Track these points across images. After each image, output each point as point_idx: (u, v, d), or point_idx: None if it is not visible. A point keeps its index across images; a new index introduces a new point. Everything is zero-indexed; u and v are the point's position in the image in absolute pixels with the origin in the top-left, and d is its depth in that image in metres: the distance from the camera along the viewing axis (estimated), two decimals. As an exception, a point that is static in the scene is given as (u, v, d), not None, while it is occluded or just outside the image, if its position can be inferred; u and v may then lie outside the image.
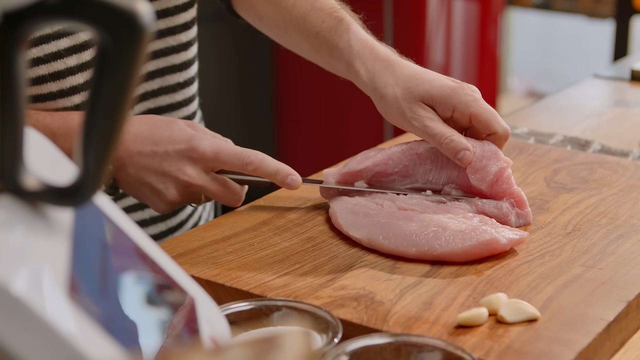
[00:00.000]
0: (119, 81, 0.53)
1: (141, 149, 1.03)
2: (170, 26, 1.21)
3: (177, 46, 1.22)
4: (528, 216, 1.04)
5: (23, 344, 0.49)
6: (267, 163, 1.05)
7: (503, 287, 0.89)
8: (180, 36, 1.22)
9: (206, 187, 1.04)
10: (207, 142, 1.04)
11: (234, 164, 1.04)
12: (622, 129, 1.47)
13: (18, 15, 0.52)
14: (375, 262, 0.95)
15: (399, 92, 1.07)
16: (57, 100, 1.09)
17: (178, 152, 1.03)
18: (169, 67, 1.22)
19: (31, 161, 0.56)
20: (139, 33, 0.51)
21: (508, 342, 0.79)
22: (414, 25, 3.15)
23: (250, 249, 0.99)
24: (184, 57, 1.23)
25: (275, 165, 1.05)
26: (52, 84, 1.08)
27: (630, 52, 3.30)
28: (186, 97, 1.25)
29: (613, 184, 1.15)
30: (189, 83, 1.25)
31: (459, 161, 1.05)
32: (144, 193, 1.05)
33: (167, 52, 1.21)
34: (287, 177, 1.05)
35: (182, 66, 1.23)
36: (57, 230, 0.56)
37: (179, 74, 1.23)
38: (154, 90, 1.21)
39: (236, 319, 0.80)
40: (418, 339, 0.76)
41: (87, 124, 0.54)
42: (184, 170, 1.03)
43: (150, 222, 1.25)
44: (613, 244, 0.98)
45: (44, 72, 1.07)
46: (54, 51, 1.07)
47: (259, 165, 1.04)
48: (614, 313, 0.84)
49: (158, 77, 1.21)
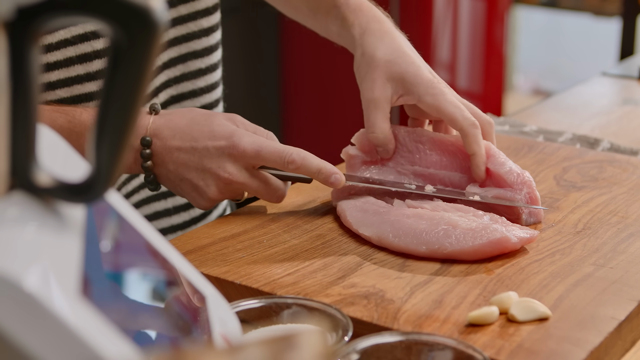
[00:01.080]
0: (131, 77, 0.53)
1: (180, 145, 1.02)
2: (192, 11, 1.21)
3: (198, 32, 1.22)
4: (539, 214, 1.03)
5: (36, 340, 0.49)
6: (309, 161, 1.03)
7: (514, 285, 0.89)
8: (202, 21, 1.22)
9: (247, 184, 1.03)
10: (248, 139, 1.02)
11: (276, 162, 1.02)
12: (631, 127, 1.47)
13: (32, 10, 0.52)
14: (385, 260, 0.95)
15: (377, 57, 1.08)
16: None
17: (218, 148, 1.02)
18: (190, 52, 1.22)
19: (43, 157, 0.56)
20: (152, 29, 0.51)
21: (519, 341, 0.79)
22: (420, 23, 3.15)
23: (260, 247, 0.98)
24: (206, 43, 1.24)
25: (317, 164, 1.03)
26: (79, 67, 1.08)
27: (637, 51, 3.29)
28: (208, 83, 1.25)
29: (623, 183, 1.15)
30: (211, 69, 1.25)
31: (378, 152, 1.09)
32: (184, 189, 1.04)
33: (188, 38, 1.21)
34: (330, 176, 1.04)
35: (203, 52, 1.23)
36: (69, 227, 0.56)
37: (201, 59, 1.23)
38: (176, 76, 1.21)
39: (246, 317, 0.80)
40: (429, 338, 0.75)
41: (100, 120, 0.54)
42: (225, 168, 1.01)
43: (173, 211, 1.25)
44: (624, 243, 0.98)
45: (71, 54, 1.08)
46: (80, 33, 1.08)
47: (301, 164, 1.03)
48: (625, 312, 0.84)
49: (180, 63, 1.22)
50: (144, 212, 1.23)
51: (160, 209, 1.24)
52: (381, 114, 1.07)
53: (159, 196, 1.24)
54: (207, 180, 1.02)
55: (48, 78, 1.07)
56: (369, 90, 1.07)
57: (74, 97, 1.10)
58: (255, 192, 1.04)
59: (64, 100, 1.09)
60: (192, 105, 1.23)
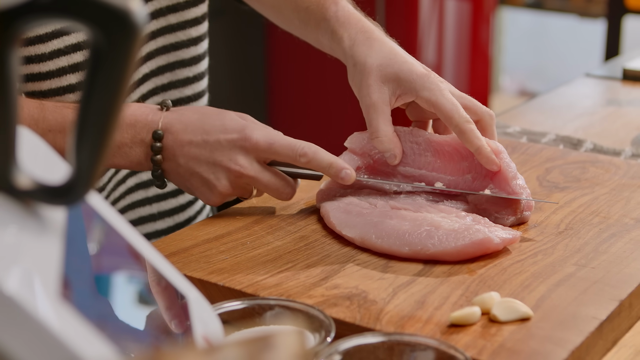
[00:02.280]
0: (112, 79, 0.53)
1: (192, 139, 1.02)
2: (181, 21, 1.21)
3: (187, 41, 1.23)
4: (526, 218, 1.04)
5: (15, 343, 0.49)
6: (320, 155, 1.03)
7: (496, 286, 0.89)
8: (191, 31, 1.23)
9: (258, 177, 1.02)
10: (260, 132, 1.02)
11: (288, 155, 1.02)
12: (614, 128, 1.47)
13: (11, 13, 0.52)
14: (368, 261, 0.95)
15: (369, 64, 1.07)
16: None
17: (230, 141, 1.01)
18: (178, 61, 1.22)
19: (24, 160, 0.56)
20: (132, 31, 0.51)
21: (501, 341, 0.79)
22: (406, 24, 3.15)
23: (243, 248, 0.98)
24: (194, 52, 1.24)
25: (328, 158, 1.03)
26: (71, 76, 1.08)
27: (622, 52, 3.30)
28: (195, 92, 1.26)
29: (605, 183, 1.15)
30: (198, 78, 1.26)
31: (386, 158, 1.08)
32: (193, 184, 1.04)
33: (177, 47, 1.21)
34: (341, 171, 1.03)
35: (191, 61, 1.24)
36: (49, 229, 0.56)
37: (189, 68, 1.24)
38: (164, 84, 1.21)
39: (229, 318, 0.80)
40: (411, 338, 0.76)
41: (80, 122, 0.54)
42: (236, 160, 1.01)
43: (158, 217, 1.25)
44: (605, 243, 0.98)
45: (64, 64, 1.07)
46: (74, 43, 1.08)
47: (312, 158, 1.02)
48: (606, 312, 0.84)
49: (168, 71, 1.22)
50: (129, 217, 1.23)
51: (145, 214, 1.24)
52: (382, 117, 1.07)
53: (144, 202, 1.23)
54: (218, 174, 1.02)
55: (40, 87, 1.07)
56: (366, 97, 1.07)
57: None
58: (265, 187, 1.04)
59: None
60: None
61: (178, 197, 1.28)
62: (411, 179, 1.09)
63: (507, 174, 1.04)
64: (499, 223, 1.02)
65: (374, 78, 1.07)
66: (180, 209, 1.28)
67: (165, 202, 1.27)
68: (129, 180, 1.23)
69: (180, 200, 1.29)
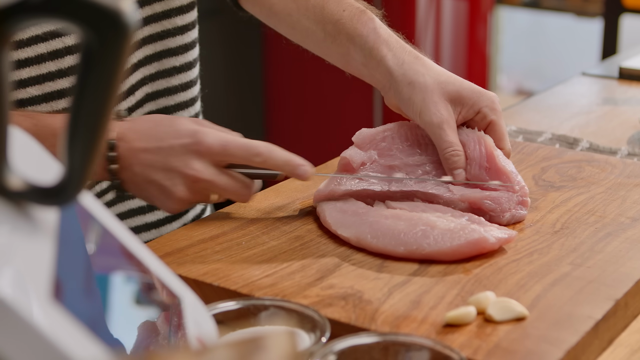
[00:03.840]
0: (103, 79, 0.53)
1: (146, 146, 1.01)
2: (166, 9, 1.21)
3: (173, 30, 1.22)
4: (523, 216, 1.04)
5: (7, 344, 0.49)
6: (275, 154, 1.01)
7: (491, 285, 0.89)
8: (177, 19, 1.22)
9: (215, 181, 1.01)
10: (213, 135, 1.01)
11: (242, 157, 1.01)
12: (611, 127, 1.47)
13: (2, 14, 0.51)
14: (364, 261, 0.95)
15: (429, 83, 1.07)
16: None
17: (183, 146, 1.00)
18: (165, 50, 1.22)
19: (16, 161, 0.56)
20: (122, 30, 0.51)
21: (496, 341, 0.79)
22: (404, 23, 3.15)
23: (238, 248, 0.98)
24: (181, 41, 1.23)
25: (284, 156, 1.02)
26: (50, 63, 1.08)
27: (619, 50, 3.30)
28: (184, 81, 1.25)
29: (601, 182, 1.15)
30: (187, 67, 1.25)
31: (452, 173, 1.06)
32: (151, 192, 1.02)
33: (163, 36, 1.21)
34: (297, 168, 1.02)
35: (178, 50, 1.23)
36: (41, 230, 0.56)
37: (176, 57, 1.23)
38: (151, 74, 1.21)
39: (224, 319, 0.80)
40: (406, 338, 0.75)
41: (72, 122, 0.53)
42: (191, 165, 1.00)
43: (147, 209, 1.25)
44: (601, 242, 0.98)
45: (42, 51, 1.07)
46: (52, 30, 1.08)
47: (267, 157, 1.01)
48: (602, 311, 0.84)
49: (155, 61, 1.22)
50: (118, 209, 1.22)
51: (135, 207, 1.23)
52: (454, 133, 1.07)
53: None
54: (174, 180, 1.00)
55: (19, 75, 1.07)
56: (435, 114, 1.06)
57: (45, 95, 1.09)
58: (223, 191, 1.02)
59: (36, 98, 1.09)
60: (168, 103, 1.23)
61: None
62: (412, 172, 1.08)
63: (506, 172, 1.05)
64: (494, 221, 1.02)
65: (438, 96, 1.07)
66: (176, 216, 1.28)
67: None
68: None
69: None
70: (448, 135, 1.06)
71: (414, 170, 1.08)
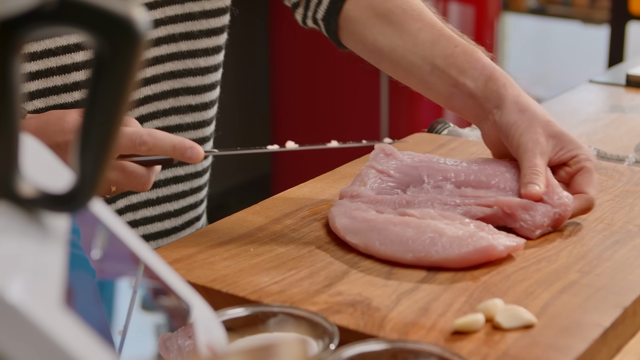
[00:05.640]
0: (115, 87, 0.53)
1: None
2: (192, 49, 1.23)
3: (194, 69, 1.24)
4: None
5: (19, 352, 0.49)
6: (161, 141, 0.98)
7: (499, 293, 0.89)
8: (200, 60, 1.24)
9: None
10: None
11: (128, 147, 0.97)
12: (618, 135, 1.47)
13: (15, 21, 0.52)
14: (372, 268, 0.95)
15: (540, 114, 1.10)
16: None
17: (67, 142, 0.97)
18: (183, 88, 1.23)
19: (27, 167, 0.56)
20: (134, 39, 0.51)
21: (504, 349, 0.79)
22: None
23: (247, 255, 0.98)
24: (200, 82, 1.25)
25: (170, 141, 0.98)
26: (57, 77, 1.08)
27: (626, 58, 3.30)
28: (196, 120, 1.26)
29: (609, 190, 1.15)
30: (201, 108, 1.27)
31: (527, 189, 1.04)
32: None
33: (184, 74, 1.23)
34: (185, 152, 0.99)
35: (196, 90, 1.25)
36: (53, 237, 0.56)
37: (192, 97, 1.25)
38: (165, 109, 1.23)
39: (232, 326, 0.80)
40: (414, 346, 0.75)
41: (84, 129, 0.54)
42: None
43: (159, 218, 1.25)
44: (609, 250, 0.98)
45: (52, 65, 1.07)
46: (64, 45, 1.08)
47: (153, 145, 0.97)
48: (610, 319, 0.84)
49: (171, 97, 1.23)
50: (128, 218, 1.23)
51: (149, 215, 1.24)
52: (541, 158, 1.07)
53: (147, 203, 1.24)
54: None
55: (28, 88, 1.07)
56: (535, 142, 1.08)
57: (49, 108, 1.10)
58: (116, 183, 1.00)
59: (40, 110, 1.09)
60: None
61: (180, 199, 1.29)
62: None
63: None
64: (523, 233, 1.01)
65: (543, 128, 1.09)
66: (183, 210, 1.28)
67: (169, 204, 1.27)
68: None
69: (182, 203, 1.29)
70: (537, 157, 1.07)
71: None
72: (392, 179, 1.11)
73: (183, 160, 1.00)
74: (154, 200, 1.26)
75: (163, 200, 1.27)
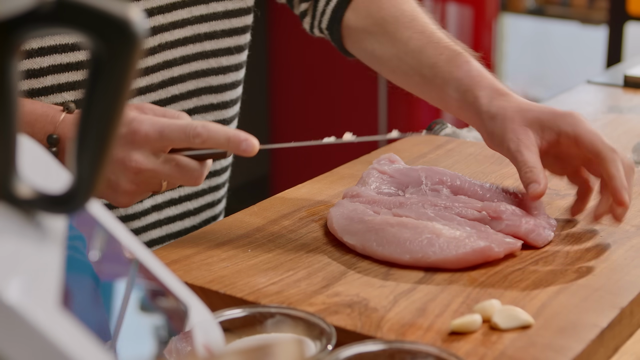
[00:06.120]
0: (112, 88, 0.53)
1: None
2: (215, 48, 1.24)
3: (217, 68, 1.25)
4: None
5: (16, 352, 0.49)
6: (215, 133, 0.96)
7: (497, 293, 0.89)
8: (222, 59, 1.25)
9: (158, 170, 0.96)
10: (148, 122, 0.96)
11: (181, 140, 0.96)
12: (616, 135, 1.47)
13: (12, 23, 0.52)
14: (369, 268, 0.95)
15: (509, 112, 1.07)
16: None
17: (120, 137, 0.95)
18: (207, 87, 1.25)
19: (24, 168, 0.56)
20: (132, 41, 0.51)
21: (502, 349, 0.79)
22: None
23: (244, 256, 0.99)
24: (222, 80, 1.26)
25: (225, 133, 0.96)
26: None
27: (624, 58, 3.30)
28: (218, 118, 1.27)
29: (606, 190, 1.15)
30: (222, 106, 1.28)
31: (529, 191, 1.03)
32: (99, 189, 1.00)
33: (207, 73, 1.24)
34: (240, 144, 0.96)
35: (218, 89, 1.26)
36: (50, 238, 0.56)
37: (214, 95, 1.26)
38: (189, 108, 1.24)
39: (230, 326, 0.80)
40: (412, 346, 0.76)
41: (81, 131, 0.54)
42: (130, 156, 0.95)
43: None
44: (606, 251, 0.98)
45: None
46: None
47: (207, 137, 0.95)
48: (607, 319, 0.84)
49: (195, 96, 1.24)
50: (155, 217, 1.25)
51: (162, 217, 1.25)
52: (531, 154, 1.04)
53: (170, 202, 1.25)
54: (117, 173, 0.96)
55: (24, 85, 1.07)
56: (512, 139, 1.05)
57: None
58: (169, 178, 0.98)
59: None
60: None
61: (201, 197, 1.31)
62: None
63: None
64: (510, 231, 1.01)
65: (517, 123, 1.06)
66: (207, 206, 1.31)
67: (189, 202, 1.29)
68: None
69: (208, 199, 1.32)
70: (523, 155, 1.04)
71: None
72: (392, 179, 1.12)
73: (237, 154, 0.98)
74: (176, 199, 1.27)
75: (185, 199, 1.28)
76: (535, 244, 0.99)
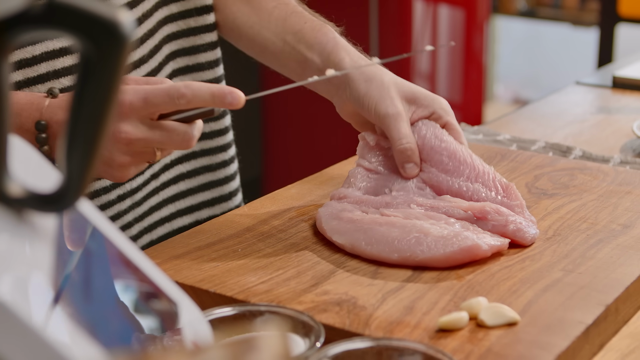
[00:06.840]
0: (101, 88, 0.54)
1: None
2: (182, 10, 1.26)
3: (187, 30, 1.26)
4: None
5: (8, 349, 0.50)
6: (199, 91, 0.95)
7: (484, 291, 0.90)
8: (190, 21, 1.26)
9: (148, 138, 0.95)
10: (132, 91, 0.95)
11: (166, 103, 0.94)
12: (604, 136, 1.49)
13: (2, 24, 0.53)
14: (358, 267, 0.96)
15: (387, 80, 1.11)
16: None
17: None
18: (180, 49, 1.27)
19: (15, 168, 0.57)
20: (120, 41, 0.52)
21: (488, 346, 0.80)
22: (400, 33, 3.17)
23: (234, 255, 0.99)
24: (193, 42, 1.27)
25: (208, 89, 0.95)
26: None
27: (615, 59, 3.32)
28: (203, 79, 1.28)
29: (593, 190, 1.17)
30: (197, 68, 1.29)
31: (404, 170, 1.10)
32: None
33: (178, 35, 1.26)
34: (225, 98, 0.96)
35: (190, 50, 1.27)
36: (41, 237, 0.57)
37: (188, 57, 1.27)
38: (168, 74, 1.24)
39: (220, 324, 0.81)
40: (399, 343, 0.77)
41: (71, 130, 0.55)
42: (119, 128, 0.94)
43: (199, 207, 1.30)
44: (592, 249, 0.99)
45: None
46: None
47: (192, 96, 0.95)
48: (592, 317, 0.85)
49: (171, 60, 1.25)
50: (168, 210, 1.27)
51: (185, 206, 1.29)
52: (406, 124, 1.10)
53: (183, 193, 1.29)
54: (109, 148, 0.95)
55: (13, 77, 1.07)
56: (391, 106, 1.10)
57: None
58: (161, 144, 0.97)
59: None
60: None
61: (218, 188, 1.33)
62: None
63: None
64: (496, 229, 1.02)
65: (395, 92, 1.11)
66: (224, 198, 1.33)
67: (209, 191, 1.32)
68: (162, 176, 1.26)
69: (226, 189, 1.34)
70: (403, 127, 1.09)
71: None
72: (379, 176, 1.12)
73: (224, 107, 0.97)
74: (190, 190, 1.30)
75: (197, 190, 1.31)
76: (522, 243, 1.00)
